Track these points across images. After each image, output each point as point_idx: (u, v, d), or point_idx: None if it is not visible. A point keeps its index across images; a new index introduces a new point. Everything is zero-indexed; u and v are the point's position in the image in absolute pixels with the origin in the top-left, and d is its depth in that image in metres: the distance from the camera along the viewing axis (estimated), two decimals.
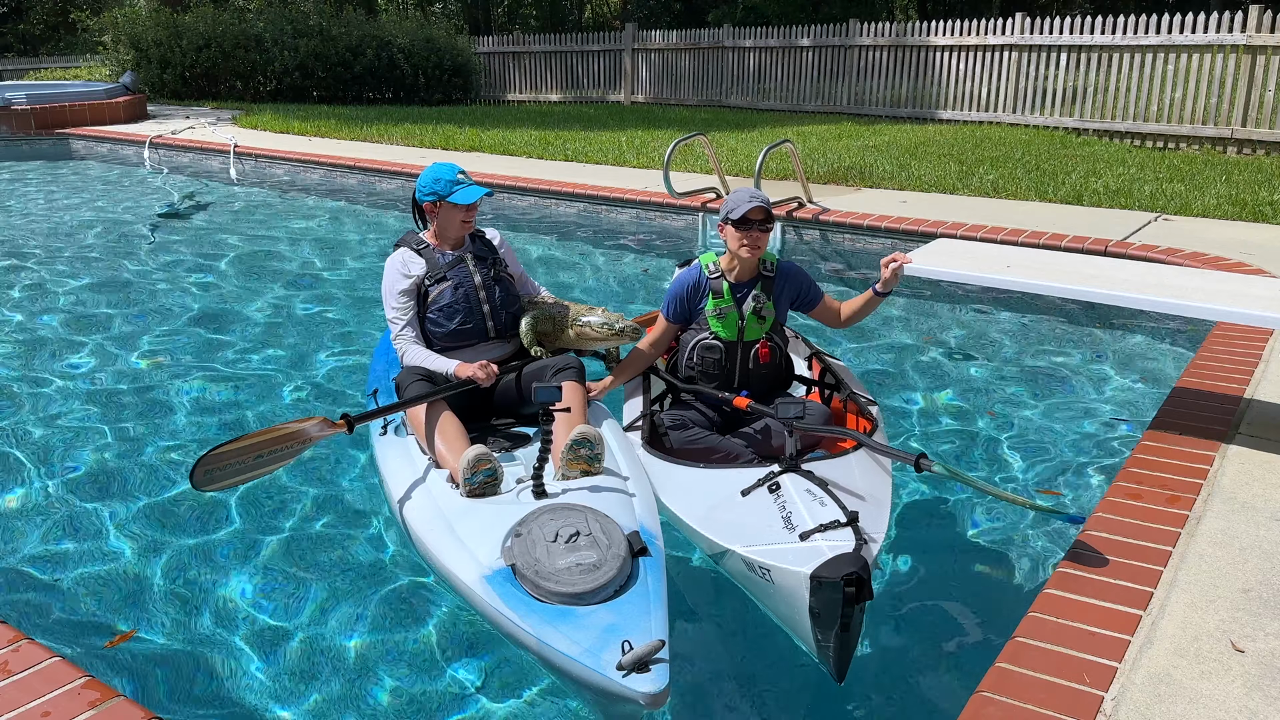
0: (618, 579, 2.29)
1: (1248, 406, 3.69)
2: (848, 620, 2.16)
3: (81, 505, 3.60)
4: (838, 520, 2.43)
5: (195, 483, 2.74)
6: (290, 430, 2.92)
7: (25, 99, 14.07)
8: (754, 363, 3.35)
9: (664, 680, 1.97)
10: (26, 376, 4.84)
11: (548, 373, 3.34)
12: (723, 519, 2.63)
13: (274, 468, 2.95)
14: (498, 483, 2.81)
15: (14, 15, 32.42)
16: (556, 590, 2.24)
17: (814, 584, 2.19)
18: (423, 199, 3.46)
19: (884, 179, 8.61)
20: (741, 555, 2.44)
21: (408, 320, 3.39)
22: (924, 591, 3.05)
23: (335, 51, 17.59)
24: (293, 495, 3.65)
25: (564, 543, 2.38)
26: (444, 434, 3.05)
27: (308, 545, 3.32)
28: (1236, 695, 2.13)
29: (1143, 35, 11.07)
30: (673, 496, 2.85)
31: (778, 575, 2.32)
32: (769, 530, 2.48)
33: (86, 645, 2.80)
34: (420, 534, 2.74)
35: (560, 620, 2.18)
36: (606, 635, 2.11)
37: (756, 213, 3.20)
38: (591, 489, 2.74)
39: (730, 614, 2.97)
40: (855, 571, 2.13)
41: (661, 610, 2.23)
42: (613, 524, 2.46)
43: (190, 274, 6.71)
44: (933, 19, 13.89)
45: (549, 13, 29.96)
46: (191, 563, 3.23)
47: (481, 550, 2.48)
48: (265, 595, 3.05)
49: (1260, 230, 6.55)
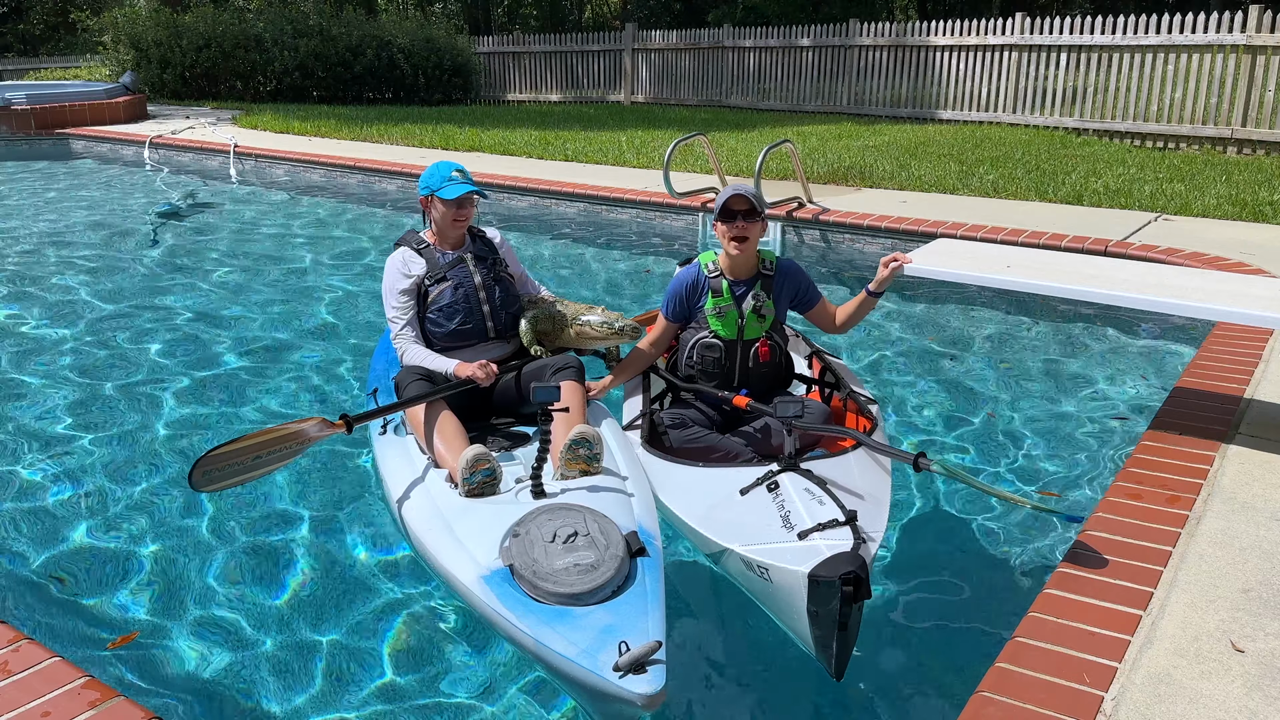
0: (615, 579, 2.28)
1: (1248, 406, 3.69)
2: (845, 619, 2.16)
3: (80, 505, 3.60)
4: (836, 519, 2.43)
5: (194, 484, 2.74)
6: (289, 431, 2.92)
7: (25, 99, 14.07)
8: (754, 361, 3.34)
9: (661, 681, 1.97)
10: (23, 376, 4.84)
11: (547, 372, 3.33)
12: (721, 518, 2.63)
13: (272, 468, 2.95)
14: (496, 482, 2.81)
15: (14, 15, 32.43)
16: (554, 591, 2.24)
17: (812, 583, 2.19)
18: (420, 194, 3.48)
19: (884, 179, 8.61)
20: (740, 554, 2.44)
21: (408, 320, 3.39)
22: (924, 591, 3.05)
23: (335, 51, 17.60)
24: (294, 495, 3.65)
25: (562, 543, 2.37)
26: (443, 433, 3.05)
27: (309, 546, 3.32)
28: (1236, 695, 2.13)
29: (1143, 35, 11.08)
30: (672, 495, 2.85)
31: (776, 574, 2.32)
32: (767, 529, 2.48)
33: (87, 645, 2.80)
34: (418, 534, 2.73)
35: (557, 621, 2.18)
36: (604, 636, 2.11)
37: (737, 202, 3.18)
38: (590, 489, 2.74)
39: (729, 613, 2.97)
40: (853, 571, 2.13)
41: (659, 611, 2.23)
42: (611, 524, 2.46)
43: (190, 274, 6.71)
44: (933, 19, 13.90)
45: (549, 13, 29.98)
46: (191, 562, 3.23)
47: (480, 550, 2.48)
48: (265, 594, 3.05)
49: (1260, 230, 6.55)
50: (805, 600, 2.22)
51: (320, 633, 2.87)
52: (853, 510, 2.46)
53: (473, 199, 3.43)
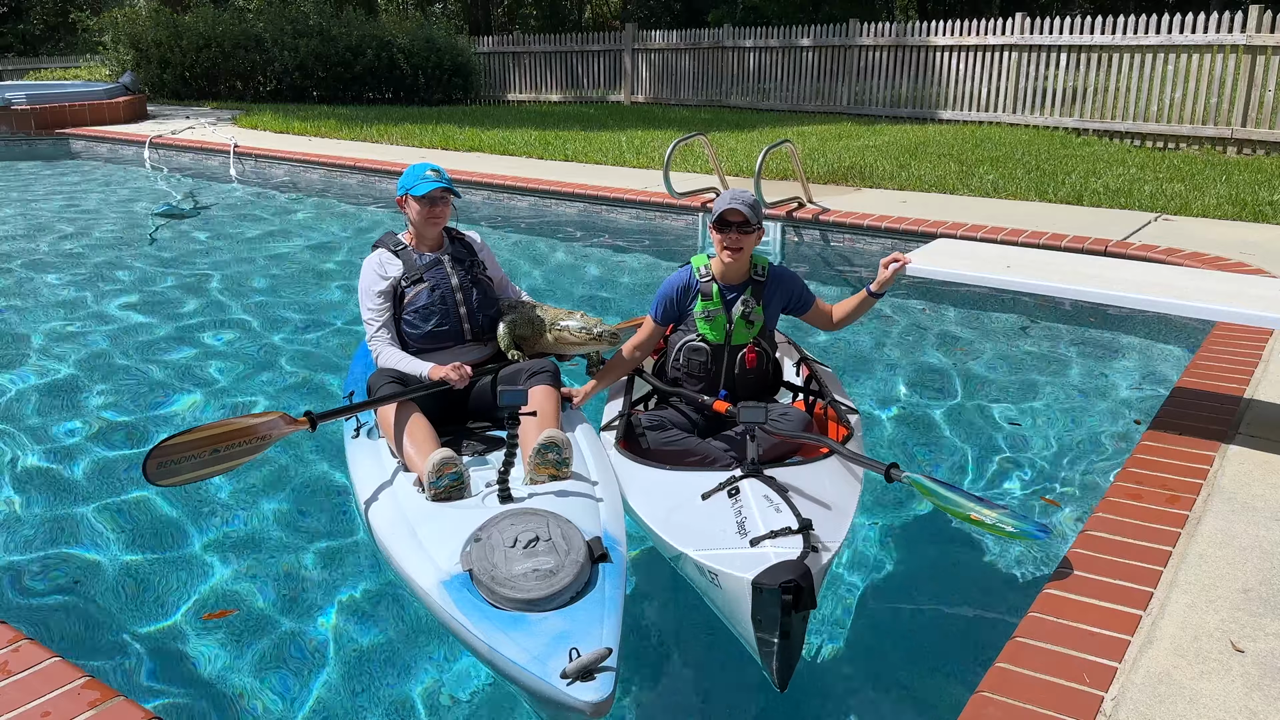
0: (574, 585, 2.25)
1: (1248, 406, 3.69)
2: (787, 628, 2.15)
3: (79, 505, 3.60)
4: (789, 527, 2.41)
5: (148, 475, 2.67)
6: (247, 424, 2.87)
7: (25, 99, 14.07)
8: (740, 367, 3.30)
9: (608, 689, 1.95)
10: (21, 376, 4.84)
11: (522, 376, 3.27)
12: (679, 521, 2.61)
13: (234, 464, 2.89)
14: (464, 486, 2.76)
15: (14, 15, 32.42)
16: (511, 596, 2.21)
17: (755, 590, 2.19)
18: (397, 194, 3.46)
19: (884, 179, 8.61)
20: (693, 559, 2.43)
21: (383, 322, 3.36)
22: (924, 592, 3.05)
23: (335, 51, 17.59)
24: (290, 494, 3.65)
25: (522, 548, 2.34)
26: (413, 436, 3.00)
27: (309, 546, 3.33)
28: (1236, 695, 2.13)
29: (1143, 35, 11.07)
30: (638, 498, 2.82)
31: (723, 580, 2.32)
32: (721, 535, 2.47)
33: (86, 645, 2.81)
34: (383, 537, 2.70)
35: (512, 627, 2.16)
36: (556, 642, 2.09)
37: (733, 214, 3.15)
38: (558, 494, 2.70)
39: (693, 620, 2.94)
40: (794, 580, 2.13)
41: (615, 618, 2.20)
42: (574, 529, 2.43)
43: (189, 273, 6.71)
44: (933, 19, 13.89)
45: (549, 13, 29.97)
46: (190, 562, 3.23)
47: (441, 555, 2.45)
48: (265, 594, 3.05)
49: (1260, 230, 6.55)
50: (749, 607, 2.22)
51: (320, 633, 2.87)
52: (808, 519, 2.44)
53: (446, 197, 3.39)
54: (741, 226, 3.17)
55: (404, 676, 2.69)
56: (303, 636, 2.86)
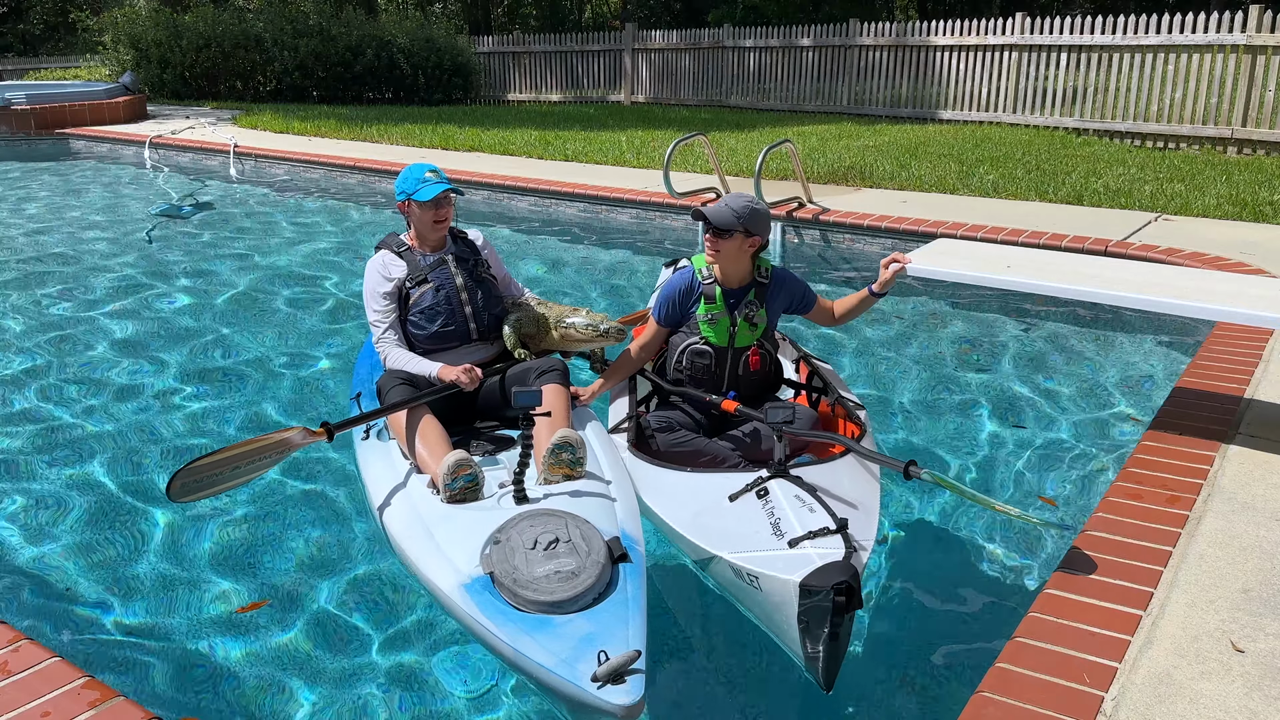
0: (596, 586, 2.25)
1: (1248, 406, 3.69)
2: (837, 629, 2.14)
3: (78, 504, 3.60)
4: (827, 527, 2.40)
5: (171, 495, 2.67)
6: (271, 441, 2.87)
7: (25, 99, 14.07)
8: (744, 369, 3.29)
9: (639, 692, 1.94)
10: (21, 375, 4.84)
11: (530, 375, 3.27)
12: (709, 524, 2.59)
13: (250, 477, 2.90)
14: (479, 488, 2.75)
15: (14, 15, 32.42)
16: (534, 599, 2.21)
17: (803, 592, 2.17)
18: (397, 199, 3.44)
19: (884, 179, 8.61)
20: (729, 562, 2.41)
21: (389, 323, 3.35)
22: (924, 592, 3.05)
23: (335, 51, 17.59)
24: (293, 499, 3.65)
25: (543, 550, 2.34)
26: (425, 438, 2.99)
27: (304, 548, 3.33)
28: (1236, 695, 2.13)
29: (1143, 35, 11.07)
30: (658, 500, 2.81)
31: (766, 583, 2.30)
32: (757, 537, 2.45)
33: (87, 646, 2.80)
34: (399, 540, 2.69)
35: (537, 630, 2.15)
36: (583, 645, 2.09)
37: (714, 215, 3.14)
38: (573, 494, 2.69)
39: (715, 621, 2.94)
40: (845, 580, 2.11)
41: (640, 619, 2.19)
42: (593, 530, 2.42)
43: (188, 274, 6.71)
44: (933, 19, 13.89)
45: (549, 13, 29.98)
46: (189, 563, 3.23)
47: (460, 558, 2.44)
48: (264, 594, 3.05)
49: (1260, 230, 6.55)
50: (796, 609, 2.20)
51: (319, 632, 2.87)
52: (844, 518, 2.44)
53: (450, 198, 3.38)
54: (715, 230, 3.16)
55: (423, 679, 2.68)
56: (313, 638, 2.86)
